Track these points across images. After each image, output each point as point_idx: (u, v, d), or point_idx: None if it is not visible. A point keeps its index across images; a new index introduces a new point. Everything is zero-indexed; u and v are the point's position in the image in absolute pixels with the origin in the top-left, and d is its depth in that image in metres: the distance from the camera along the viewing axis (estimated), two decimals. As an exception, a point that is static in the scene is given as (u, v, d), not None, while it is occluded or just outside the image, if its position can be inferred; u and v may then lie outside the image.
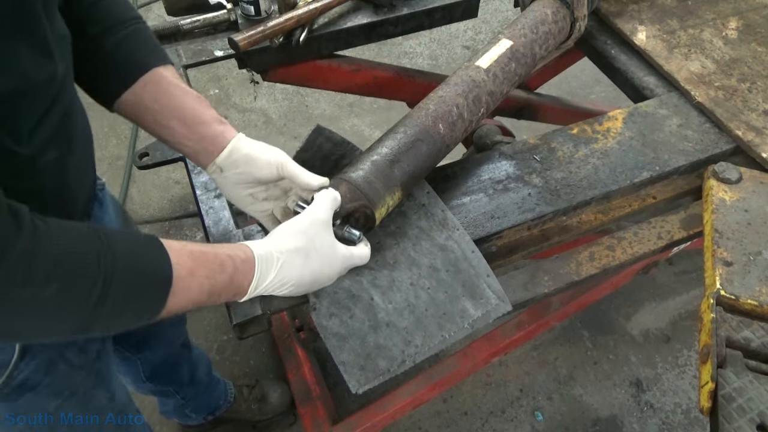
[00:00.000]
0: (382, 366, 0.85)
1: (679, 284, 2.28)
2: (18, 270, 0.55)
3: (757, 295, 0.93)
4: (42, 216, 0.59)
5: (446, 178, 1.11)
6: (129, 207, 2.49)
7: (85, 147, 0.86)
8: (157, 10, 3.39)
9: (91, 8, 0.82)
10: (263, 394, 1.87)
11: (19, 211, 0.57)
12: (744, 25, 1.44)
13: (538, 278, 1.05)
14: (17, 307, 0.57)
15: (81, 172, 0.85)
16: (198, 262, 0.70)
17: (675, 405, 1.97)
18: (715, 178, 1.10)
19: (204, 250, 0.72)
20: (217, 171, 0.87)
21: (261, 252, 0.77)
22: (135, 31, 0.86)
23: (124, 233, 0.68)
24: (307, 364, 1.78)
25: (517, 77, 1.17)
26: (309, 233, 0.80)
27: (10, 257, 0.54)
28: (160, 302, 0.68)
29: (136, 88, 0.84)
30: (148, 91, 0.84)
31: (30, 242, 0.56)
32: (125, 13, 0.86)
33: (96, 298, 0.60)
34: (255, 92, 2.99)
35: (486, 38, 3.29)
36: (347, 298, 0.91)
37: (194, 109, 0.85)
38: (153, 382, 1.50)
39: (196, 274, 0.70)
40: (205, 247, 0.74)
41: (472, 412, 1.94)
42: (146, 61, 0.85)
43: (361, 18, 1.42)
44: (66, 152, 0.76)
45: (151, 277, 0.67)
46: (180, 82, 0.87)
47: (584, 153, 1.16)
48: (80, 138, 0.81)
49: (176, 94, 0.85)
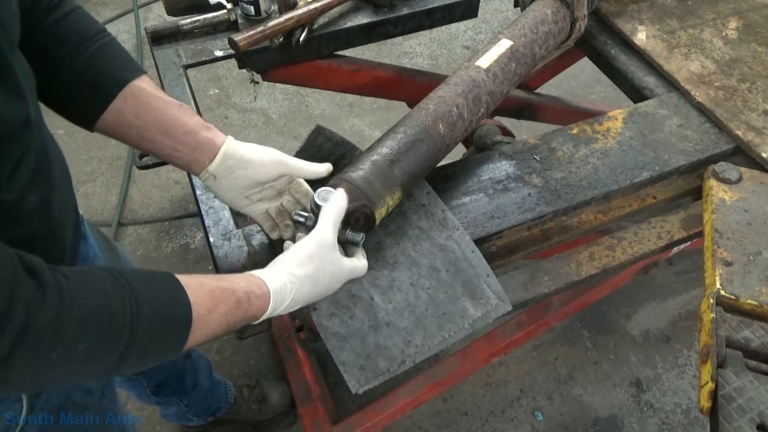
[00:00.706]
0: (382, 366, 0.85)
1: (679, 284, 2.28)
2: (46, 336, 0.54)
3: (757, 295, 0.93)
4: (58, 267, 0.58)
5: (446, 178, 1.11)
6: (129, 207, 2.49)
7: (65, 184, 0.83)
8: (157, 10, 3.39)
9: (53, 29, 0.78)
10: (264, 395, 1.87)
11: (36, 268, 0.55)
12: (744, 25, 1.44)
13: (538, 278, 1.05)
14: (46, 366, 0.57)
15: (65, 210, 0.83)
16: (217, 301, 0.71)
17: (675, 405, 1.97)
18: (715, 178, 1.10)
19: (223, 287, 0.72)
20: (210, 179, 0.86)
21: (276, 286, 0.77)
22: (103, 45, 0.81)
23: (143, 275, 0.67)
24: (307, 364, 1.78)
25: (517, 77, 1.17)
26: (318, 257, 0.81)
27: (37, 324, 0.53)
28: (181, 343, 0.68)
29: (116, 106, 0.81)
30: (128, 107, 0.81)
31: (56, 306, 0.55)
32: (89, 28, 0.81)
33: (123, 347, 0.61)
34: (255, 92, 2.99)
35: (486, 38, 3.29)
36: (347, 298, 0.91)
37: (178, 120, 0.83)
38: (158, 395, 1.51)
39: (215, 312, 0.70)
40: (223, 281, 0.73)
41: (472, 412, 1.94)
42: (121, 76, 0.82)
43: (361, 18, 1.42)
44: (48, 192, 0.74)
45: (174, 322, 0.67)
46: (159, 93, 0.85)
47: (584, 153, 1.16)
48: (59, 176, 0.79)
49: (158, 107, 0.83)
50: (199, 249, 2.35)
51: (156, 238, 2.39)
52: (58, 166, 0.80)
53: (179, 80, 1.32)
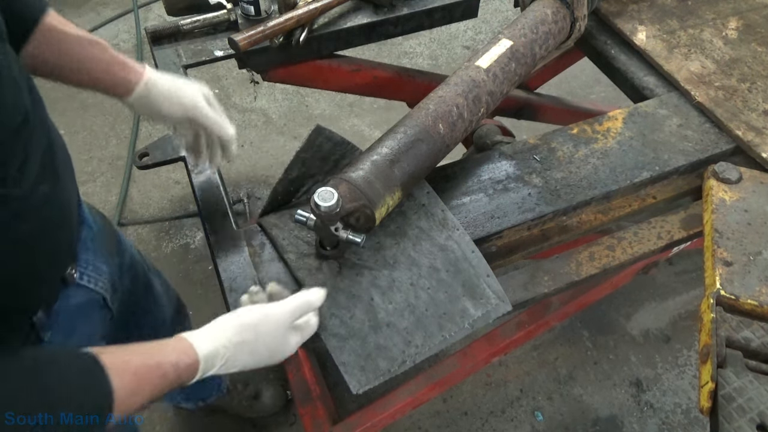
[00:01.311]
0: (382, 366, 0.85)
1: (679, 284, 2.28)
2: None
3: (757, 295, 0.93)
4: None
5: (446, 178, 1.11)
6: (129, 207, 2.48)
7: (68, 171, 0.85)
8: (157, 10, 3.38)
9: None
10: (257, 393, 1.89)
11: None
12: (744, 25, 1.44)
13: (538, 278, 1.05)
14: None
15: (70, 197, 0.84)
16: (142, 381, 0.70)
17: (675, 405, 1.97)
18: (715, 178, 1.10)
19: (149, 365, 0.71)
20: (131, 107, 0.91)
21: (206, 351, 0.75)
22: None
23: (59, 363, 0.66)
24: (307, 364, 1.77)
25: (517, 77, 1.17)
26: (259, 330, 0.79)
27: None
28: (100, 427, 0.67)
29: (30, 48, 0.82)
30: (41, 51, 0.82)
31: None
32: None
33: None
34: (255, 92, 2.98)
35: (486, 38, 3.29)
36: (347, 298, 0.91)
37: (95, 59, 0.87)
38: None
39: (139, 393, 0.69)
40: (149, 357, 0.72)
41: (472, 412, 1.94)
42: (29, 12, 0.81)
43: (361, 18, 1.42)
44: (55, 183, 0.76)
45: (92, 410, 0.65)
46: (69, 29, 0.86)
47: (584, 153, 1.16)
48: (63, 164, 0.81)
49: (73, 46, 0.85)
50: (199, 249, 2.35)
51: (156, 238, 2.39)
52: (62, 154, 0.82)
53: (179, 80, 1.32)
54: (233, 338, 0.77)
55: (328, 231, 0.89)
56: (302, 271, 0.94)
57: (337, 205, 0.84)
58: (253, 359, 0.80)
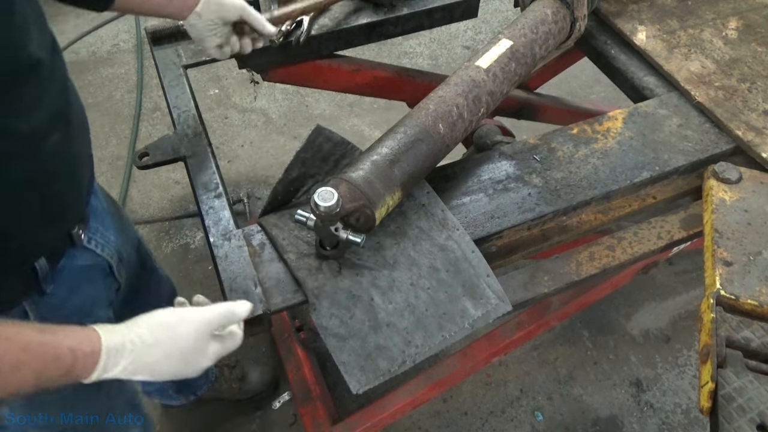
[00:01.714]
0: (382, 366, 0.85)
1: (679, 284, 2.28)
2: None
3: (757, 295, 0.93)
4: None
5: (446, 178, 1.11)
6: (129, 207, 2.48)
7: (84, 133, 0.92)
8: (157, 10, 3.38)
9: None
10: (243, 374, 1.90)
11: None
12: (744, 25, 1.44)
13: (538, 278, 1.05)
14: None
15: (83, 158, 0.90)
16: (31, 356, 0.66)
17: (675, 405, 1.97)
18: (715, 178, 1.10)
19: (42, 341, 0.67)
20: (195, 17, 1.06)
21: (112, 344, 0.71)
22: None
23: None
24: (307, 364, 1.78)
25: (517, 77, 1.17)
26: (175, 330, 0.75)
27: None
28: None
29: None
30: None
31: None
32: None
33: None
34: (255, 92, 2.98)
35: (486, 38, 3.29)
36: (347, 298, 0.91)
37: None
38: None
39: (22, 369, 0.65)
40: (47, 334, 0.68)
41: (472, 412, 1.94)
42: None
43: (361, 18, 1.42)
44: (67, 134, 0.82)
45: None
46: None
47: (584, 153, 1.16)
48: (78, 122, 0.87)
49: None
50: (199, 249, 2.35)
51: (156, 238, 2.39)
52: (78, 112, 0.89)
53: (179, 80, 1.32)
54: (145, 336, 0.73)
55: (328, 231, 0.89)
56: (302, 271, 0.94)
57: (337, 205, 0.84)
58: (167, 363, 0.75)
